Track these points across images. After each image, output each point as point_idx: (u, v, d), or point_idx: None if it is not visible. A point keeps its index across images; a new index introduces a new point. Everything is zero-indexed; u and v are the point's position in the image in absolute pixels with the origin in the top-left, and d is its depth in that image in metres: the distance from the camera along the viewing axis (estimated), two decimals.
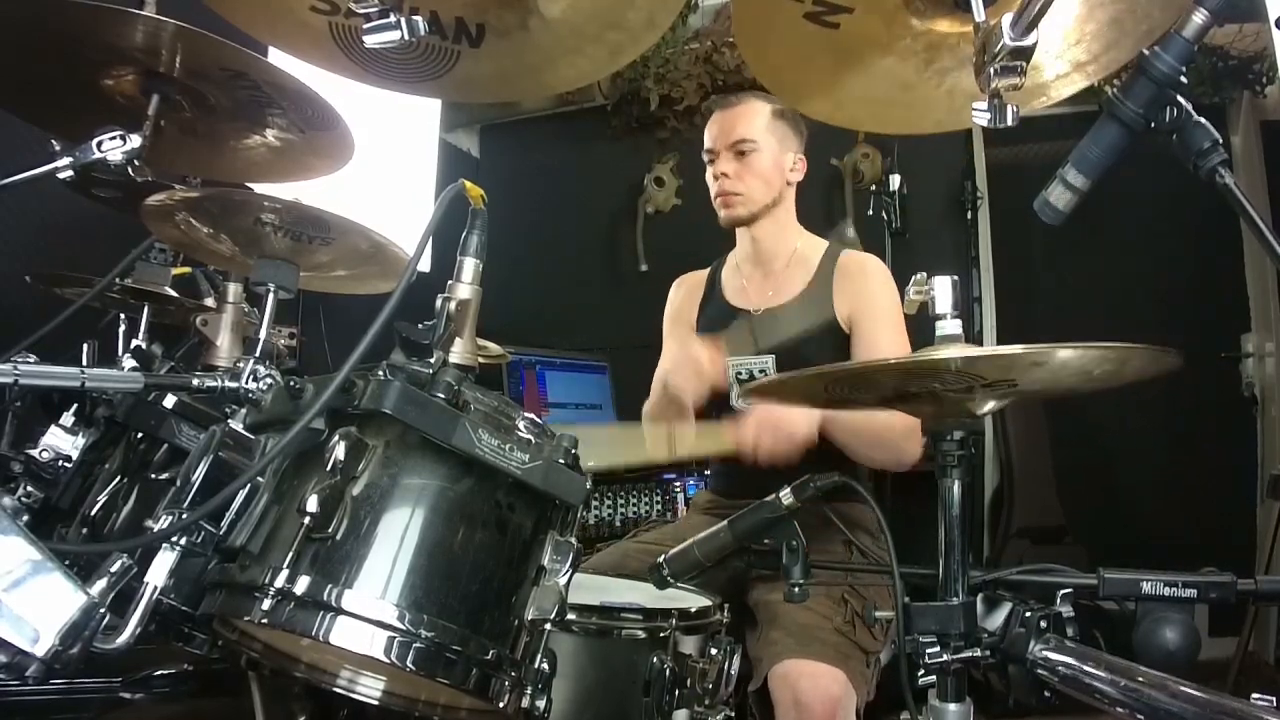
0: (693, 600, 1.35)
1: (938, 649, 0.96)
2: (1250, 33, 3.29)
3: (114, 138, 1.12)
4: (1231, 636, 2.70)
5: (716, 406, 2.00)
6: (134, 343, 1.45)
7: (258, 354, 1.11)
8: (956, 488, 1.03)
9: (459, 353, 0.93)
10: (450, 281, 0.96)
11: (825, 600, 1.57)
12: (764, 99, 1.99)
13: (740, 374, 1.96)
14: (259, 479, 0.87)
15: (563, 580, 0.88)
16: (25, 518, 1.09)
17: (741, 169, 1.93)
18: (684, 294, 2.15)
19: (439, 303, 0.95)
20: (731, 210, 1.96)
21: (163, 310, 1.59)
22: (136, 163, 1.14)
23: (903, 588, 1.04)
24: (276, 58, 1.24)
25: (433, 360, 0.89)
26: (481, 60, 1.20)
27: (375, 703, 0.95)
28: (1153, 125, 0.93)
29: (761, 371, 1.93)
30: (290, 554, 0.80)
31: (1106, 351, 0.92)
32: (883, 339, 1.83)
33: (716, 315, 2.05)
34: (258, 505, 0.86)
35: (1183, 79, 0.91)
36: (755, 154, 1.93)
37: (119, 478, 1.10)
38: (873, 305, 1.88)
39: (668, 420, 1.96)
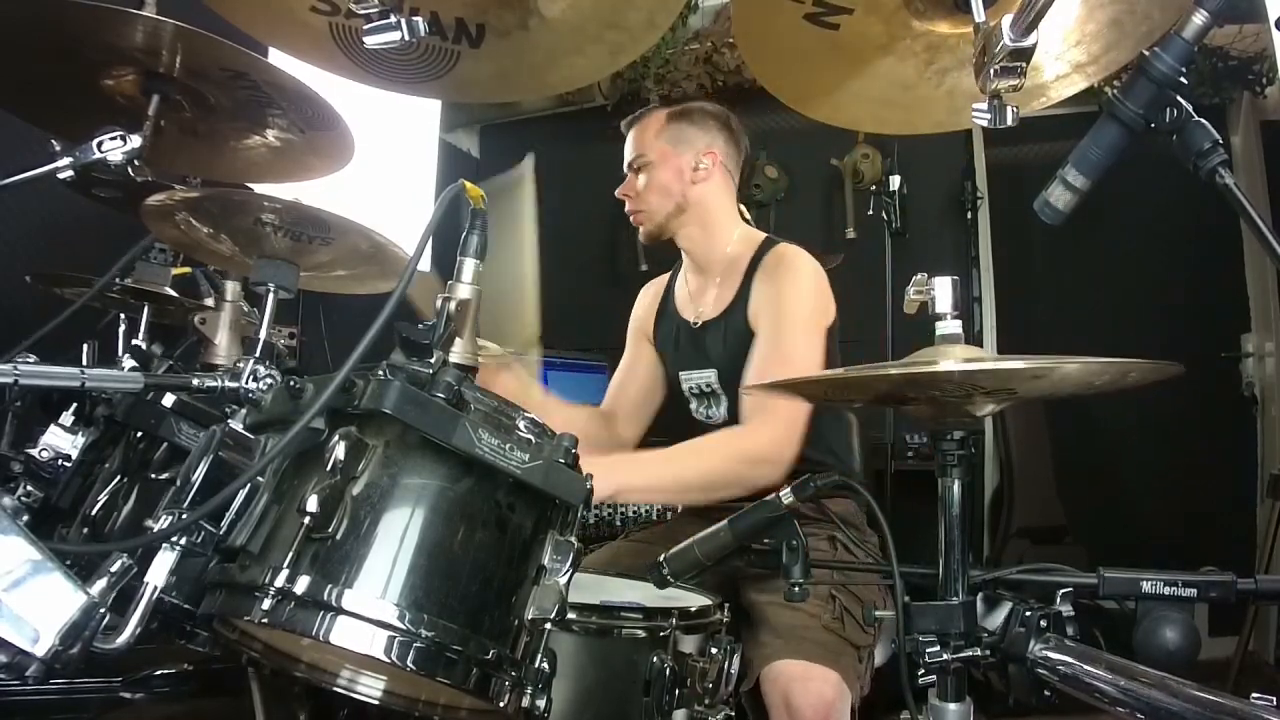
0: (693, 599, 1.35)
1: (938, 648, 0.96)
2: (1250, 33, 3.30)
3: (114, 138, 1.12)
4: (1231, 636, 2.70)
5: (680, 421, 1.98)
6: (134, 343, 1.45)
7: (257, 354, 1.11)
8: (956, 487, 1.03)
9: (459, 353, 0.93)
10: (450, 281, 0.96)
11: (813, 599, 1.55)
12: (666, 108, 1.97)
13: (692, 388, 1.93)
14: (259, 479, 0.87)
15: (563, 580, 0.88)
16: (25, 518, 1.09)
17: (640, 186, 1.91)
18: (646, 303, 2.12)
19: (439, 303, 0.95)
20: (641, 227, 1.94)
21: (163, 310, 1.59)
22: (136, 163, 1.14)
23: (902, 587, 1.04)
24: (276, 58, 1.24)
25: (433, 360, 0.89)
26: (481, 60, 1.20)
27: (375, 702, 0.95)
28: (1153, 126, 0.93)
29: (708, 385, 1.89)
30: (290, 554, 0.80)
31: (1108, 364, 0.91)
32: (759, 353, 1.71)
33: (668, 328, 2.02)
34: (258, 505, 0.86)
35: (1183, 79, 0.91)
36: (648, 168, 1.90)
37: (119, 477, 1.10)
38: (773, 305, 1.75)
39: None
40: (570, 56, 1.20)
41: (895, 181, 3.37)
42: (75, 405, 1.15)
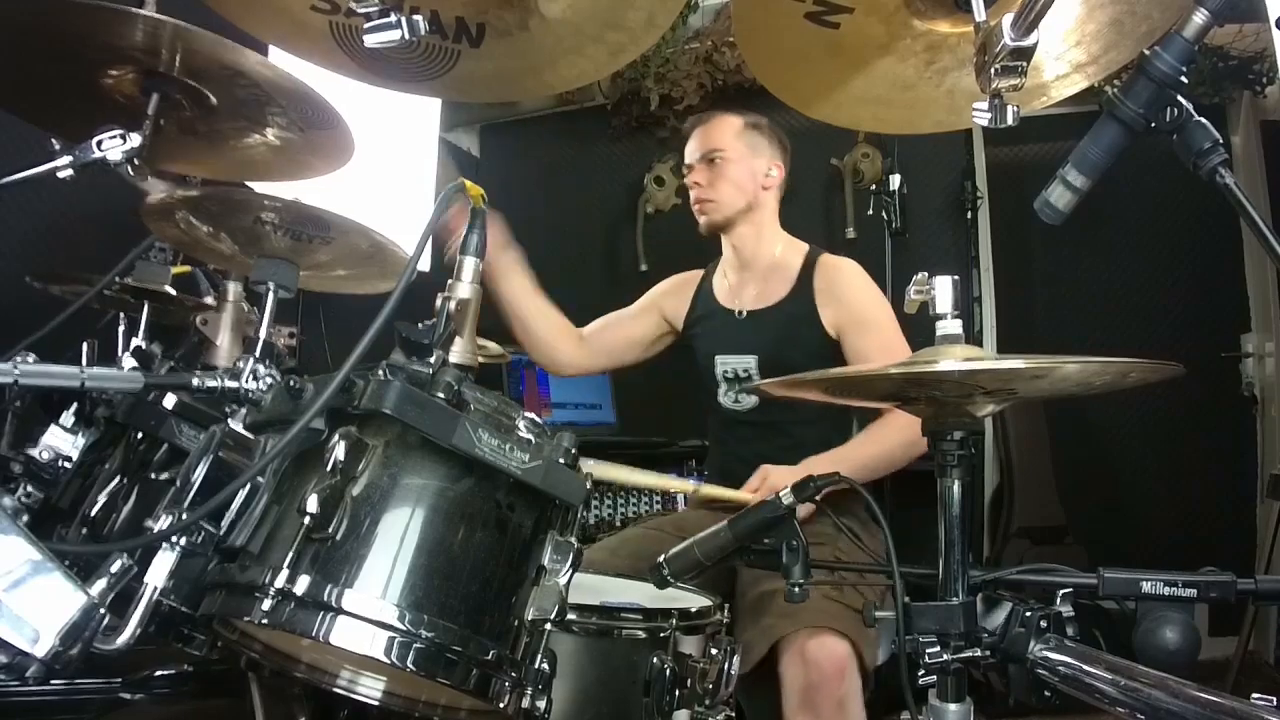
0: (693, 600, 1.35)
1: (938, 649, 0.96)
2: (1250, 33, 3.29)
3: (114, 137, 1.12)
4: (1231, 636, 2.70)
5: (704, 404, 2.05)
6: (134, 343, 1.45)
7: (257, 354, 1.11)
8: (956, 488, 1.03)
9: (459, 352, 0.93)
10: (450, 281, 0.96)
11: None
12: (738, 114, 2.09)
13: (726, 372, 2.02)
14: (259, 479, 0.87)
15: (563, 580, 0.88)
16: (25, 518, 1.09)
17: (713, 176, 2.02)
18: (675, 286, 2.21)
19: (439, 302, 0.95)
20: (707, 216, 2.04)
21: (163, 310, 1.59)
22: (136, 162, 1.14)
23: (902, 587, 1.04)
24: (276, 56, 1.24)
25: (433, 360, 0.89)
26: (481, 60, 1.20)
27: (375, 703, 0.95)
28: (1153, 125, 0.93)
29: (745, 370, 1.99)
30: (290, 554, 0.80)
31: (1107, 364, 0.91)
32: (872, 346, 1.87)
33: (704, 313, 2.11)
34: (258, 505, 0.86)
35: (1183, 79, 0.91)
36: (725, 162, 2.02)
37: (119, 478, 1.10)
38: (859, 313, 1.93)
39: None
40: (570, 56, 1.20)
41: (895, 181, 3.37)
42: (75, 405, 1.15)
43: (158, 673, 1.32)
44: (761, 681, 1.54)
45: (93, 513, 1.08)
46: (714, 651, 1.23)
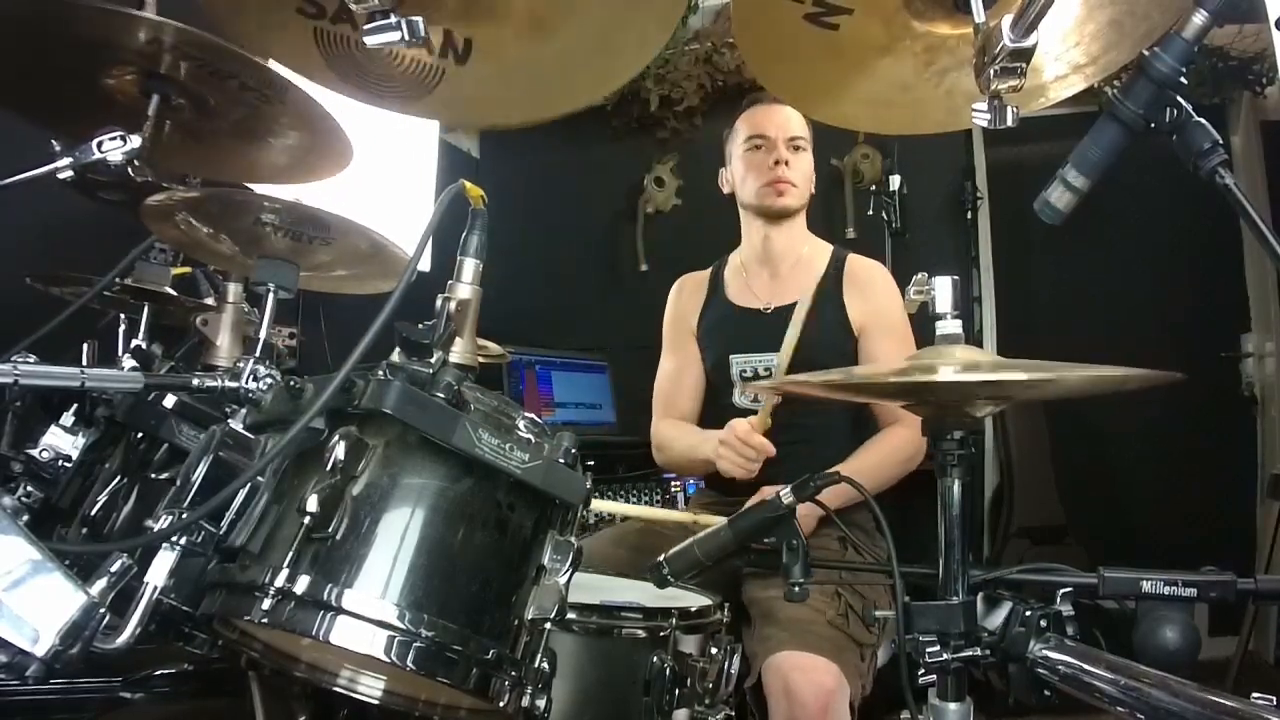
0: (693, 599, 1.35)
1: (938, 648, 0.96)
2: (1250, 33, 3.30)
3: (114, 138, 1.12)
4: (1231, 636, 2.70)
5: (716, 406, 2.03)
6: (134, 343, 1.45)
7: (257, 354, 1.11)
8: (956, 487, 1.03)
9: (459, 352, 0.93)
10: (450, 281, 0.96)
11: (819, 595, 1.58)
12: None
13: (744, 371, 1.98)
14: (259, 479, 0.87)
15: (563, 580, 0.88)
16: (25, 518, 1.09)
17: (796, 161, 2.00)
18: (685, 296, 2.14)
19: (439, 303, 0.95)
20: (785, 198, 1.99)
21: (163, 310, 1.59)
22: (136, 163, 1.14)
23: (902, 587, 1.04)
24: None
25: (433, 360, 0.89)
26: (472, 80, 1.19)
27: (375, 702, 0.95)
28: (1153, 126, 0.93)
29: (768, 369, 1.94)
30: (290, 553, 0.80)
31: (1101, 378, 0.91)
32: (889, 350, 1.88)
33: (720, 315, 2.06)
34: (258, 505, 0.86)
35: (1183, 79, 0.91)
36: (805, 153, 2.02)
37: (119, 478, 1.10)
38: (882, 316, 1.94)
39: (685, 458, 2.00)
40: (566, 77, 1.19)
41: (895, 181, 3.37)
42: (75, 405, 1.15)
43: (158, 672, 1.32)
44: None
45: (93, 513, 1.08)
46: (714, 651, 1.23)
